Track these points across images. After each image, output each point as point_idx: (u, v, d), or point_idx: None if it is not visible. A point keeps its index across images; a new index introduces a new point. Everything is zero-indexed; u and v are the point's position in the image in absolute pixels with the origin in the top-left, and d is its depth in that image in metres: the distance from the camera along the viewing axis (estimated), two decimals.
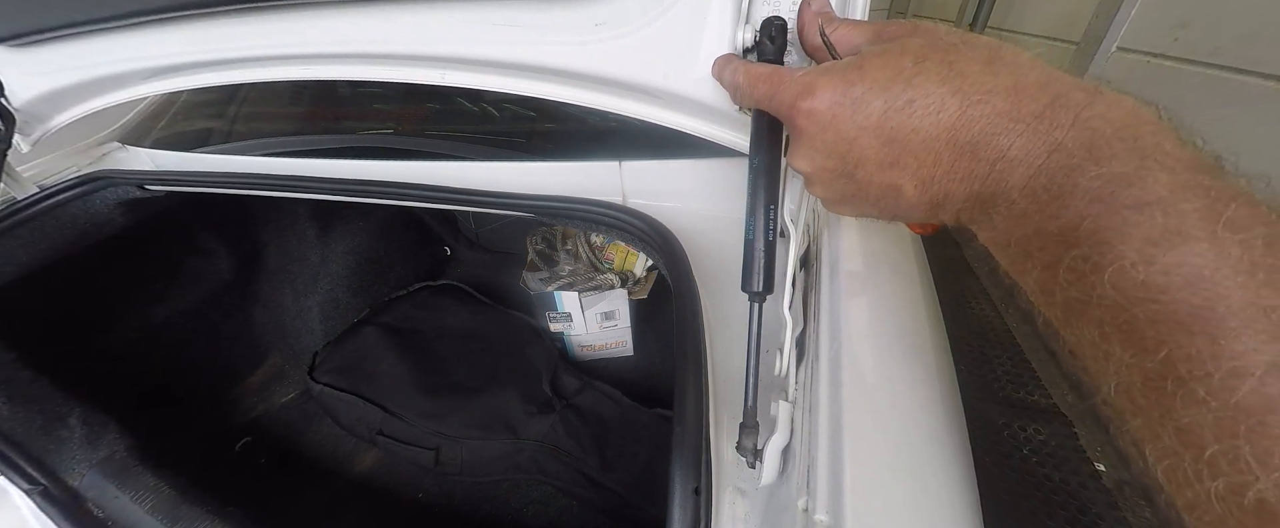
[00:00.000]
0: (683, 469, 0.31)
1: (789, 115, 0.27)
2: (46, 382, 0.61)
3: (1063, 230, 0.19)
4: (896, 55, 0.24)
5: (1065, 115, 0.20)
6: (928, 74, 0.23)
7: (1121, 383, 0.18)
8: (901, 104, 0.23)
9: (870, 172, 0.25)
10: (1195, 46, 1.13)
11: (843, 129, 0.25)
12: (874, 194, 0.27)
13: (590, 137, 0.71)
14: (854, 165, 0.26)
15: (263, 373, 1.00)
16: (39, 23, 0.53)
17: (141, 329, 0.83)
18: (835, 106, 0.25)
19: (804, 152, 0.27)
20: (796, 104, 0.26)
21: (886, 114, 0.23)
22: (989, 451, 1.04)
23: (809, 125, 0.26)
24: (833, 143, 0.25)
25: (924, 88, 0.22)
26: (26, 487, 0.52)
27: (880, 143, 0.24)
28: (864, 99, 0.24)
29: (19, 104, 0.65)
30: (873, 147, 0.24)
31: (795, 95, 0.26)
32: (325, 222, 1.04)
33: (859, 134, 0.24)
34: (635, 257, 0.98)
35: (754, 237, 0.31)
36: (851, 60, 0.25)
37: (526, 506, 0.81)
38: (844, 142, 0.25)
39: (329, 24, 0.47)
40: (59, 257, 0.66)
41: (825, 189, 0.29)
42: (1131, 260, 0.17)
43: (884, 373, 0.30)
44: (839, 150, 0.25)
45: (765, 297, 0.31)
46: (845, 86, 0.24)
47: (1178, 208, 0.17)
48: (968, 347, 1.31)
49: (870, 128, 0.24)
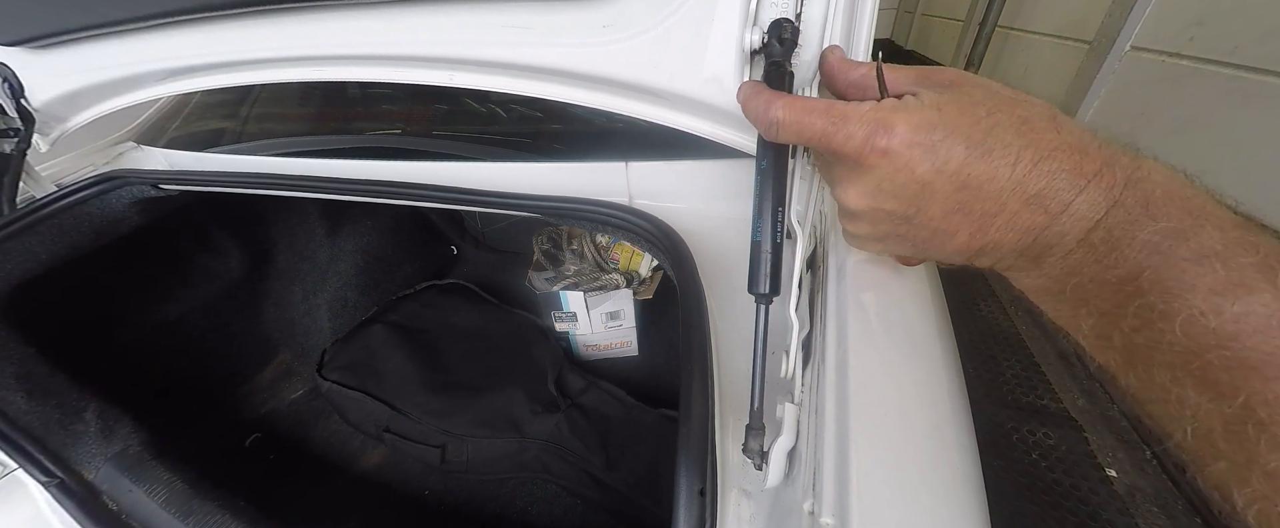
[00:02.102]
0: (688, 470, 0.31)
1: (857, 153, 0.26)
2: (64, 377, 0.62)
3: (1121, 280, 0.21)
4: (971, 103, 0.24)
5: (1120, 174, 0.22)
6: (1003, 126, 0.23)
7: (1200, 427, 0.18)
8: (981, 152, 0.23)
9: (933, 214, 0.25)
10: (1212, 45, 1.11)
11: (918, 171, 0.24)
12: (923, 237, 0.27)
13: (597, 137, 0.71)
14: (918, 208, 0.25)
15: (272, 370, 1.02)
16: (58, 25, 0.55)
17: (155, 326, 0.85)
18: (913, 147, 0.24)
19: (864, 189, 0.26)
20: (871, 141, 0.25)
21: (966, 160, 0.23)
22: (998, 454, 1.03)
23: (881, 164, 0.25)
24: (903, 185, 0.25)
25: (1002, 138, 0.23)
26: (44, 479, 0.53)
27: (954, 188, 0.24)
28: (946, 142, 0.24)
29: (38, 105, 0.66)
30: (947, 191, 0.24)
31: (869, 132, 0.25)
32: (334, 221, 1.05)
33: (936, 178, 0.24)
34: (640, 257, 0.98)
35: (761, 238, 0.31)
36: (928, 101, 0.25)
37: (531, 504, 0.81)
38: (916, 184, 0.25)
39: (339, 26, 0.48)
40: (76, 254, 0.68)
41: (871, 227, 0.28)
42: (1200, 309, 0.18)
43: (891, 376, 0.30)
44: (908, 192, 0.25)
45: (772, 299, 0.31)
46: (928, 128, 0.24)
47: (1236, 261, 0.18)
48: (976, 350, 1.29)
49: (948, 172, 0.24)
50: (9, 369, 0.59)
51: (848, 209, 0.29)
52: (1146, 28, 1.31)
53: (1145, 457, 1.01)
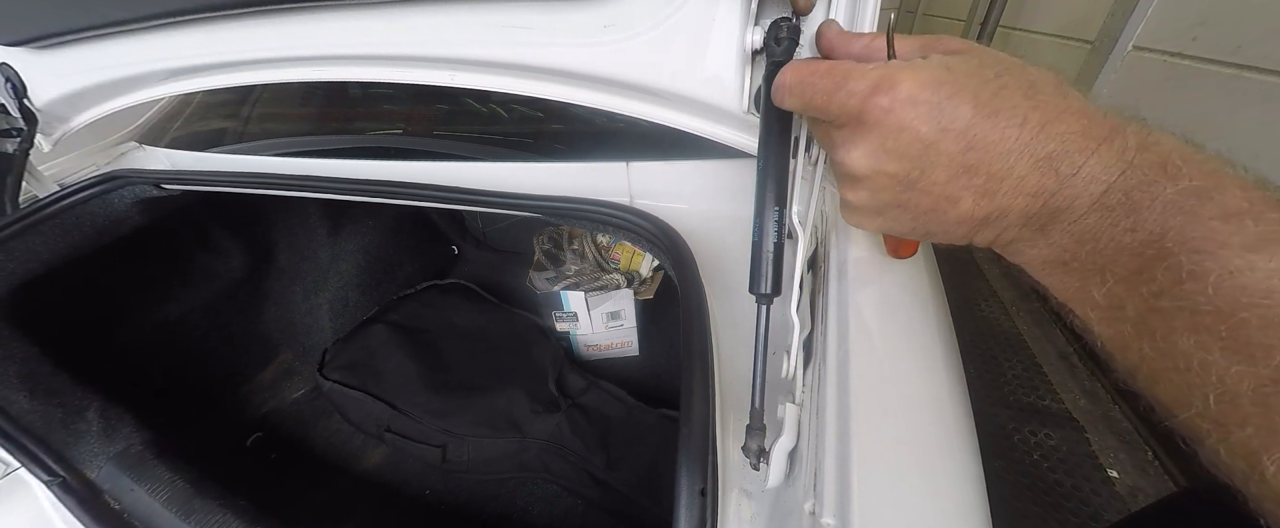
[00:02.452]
0: (689, 470, 0.31)
1: (859, 109, 0.24)
2: (66, 376, 0.63)
3: (1143, 243, 0.20)
4: (978, 65, 0.24)
5: (1131, 138, 0.21)
6: (1011, 88, 0.23)
7: (1226, 393, 0.18)
8: (988, 112, 0.22)
9: (937, 178, 0.24)
10: (1215, 45, 1.10)
11: (922, 130, 0.23)
12: (925, 205, 0.25)
13: (598, 137, 0.71)
14: (921, 171, 0.24)
15: (274, 369, 1.02)
16: (61, 26, 0.55)
17: (157, 325, 0.85)
18: (919, 104, 0.23)
19: (866, 150, 0.25)
20: (873, 98, 0.24)
21: (973, 120, 0.22)
22: (999, 455, 1.03)
23: (884, 120, 0.24)
24: (907, 143, 0.24)
25: (1010, 99, 0.22)
26: (46, 478, 0.53)
27: (961, 148, 0.23)
28: (953, 100, 0.23)
29: (41, 104, 0.66)
30: (952, 152, 0.23)
31: (870, 88, 0.24)
32: (335, 221, 1.05)
33: (940, 137, 0.23)
34: (641, 257, 0.98)
35: (762, 238, 0.30)
36: (935, 61, 0.24)
37: (532, 504, 0.81)
38: (920, 143, 0.23)
39: (340, 26, 0.48)
40: (79, 253, 0.68)
41: (872, 195, 0.27)
42: (1235, 266, 0.17)
43: (892, 376, 0.30)
44: (912, 152, 0.24)
45: (773, 299, 0.31)
46: (934, 85, 0.23)
47: (1266, 217, 0.18)
48: (977, 350, 1.29)
49: (954, 131, 0.23)
50: (12, 369, 0.59)
51: (848, 173, 0.27)
52: (1149, 28, 1.30)
53: (1147, 458, 1.01)
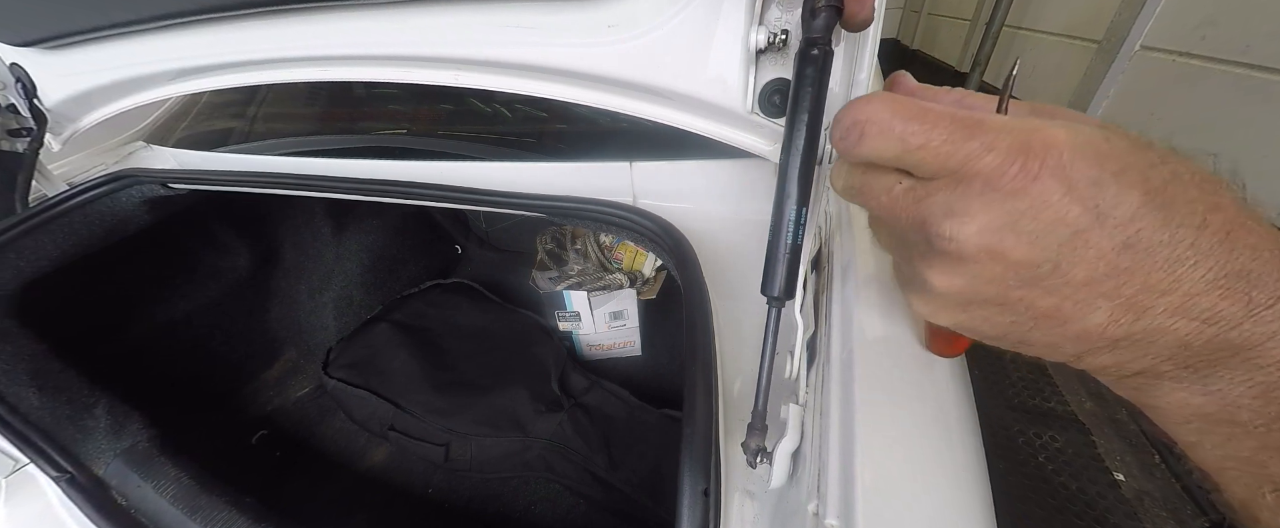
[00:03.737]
0: (692, 470, 0.31)
1: (991, 173, 0.18)
2: (74, 373, 0.63)
3: None
4: (1139, 142, 0.18)
5: None
6: (1185, 178, 0.17)
7: None
8: (1159, 205, 0.17)
9: (1070, 279, 0.18)
10: (1224, 45, 1.09)
11: (1074, 213, 0.17)
12: (1042, 310, 0.19)
13: (601, 137, 0.71)
14: (1054, 265, 0.18)
15: (279, 368, 1.02)
16: (70, 26, 0.55)
17: (164, 323, 0.86)
18: (1077, 180, 0.17)
19: (988, 224, 0.19)
20: (1016, 160, 0.18)
21: (1141, 210, 0.17)
22: (1004, 457, 1.02)
23: (1029, 189, 0.18)
24: (1049, 224, 0.18)
25: (1184, 192, 0.17)
26: (55, 474, 0.54)
27: (1115, 246, 0.17)
28: (1118, 182, 0.17)
29: (51, 104, 0.67)
30: (1102, 248, 0.17)
31: (1016, 149, 0.18)
32: (340, 220, 1.05)
33: (1093, 226, 0.17)
34: (644, 257, 0.98)
35: (778, 238, 0.28)
36: (1094, 128, 0.19)
37: (534, 503, 0.81)
38: (1067, 228, 0.18)
39: (346, 27, 0.48)
40: (87, 252, 0.68)
41: (970, 282, 0.20)
42: None
43: (896, 377, 0.30)
44: (1053, 237, 0.18)
45: (785, 302, 0.30)
46: (1099, 156, 0.17)
47: None
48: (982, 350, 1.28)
49: (1114, 222, 0.17)
50: (21, 365, 0.59)
51: (949, 251, 0.20)
52: (1157, 27, 1.29)
53: (1154, 461, 1.00)
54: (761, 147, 0.42)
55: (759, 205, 0.54)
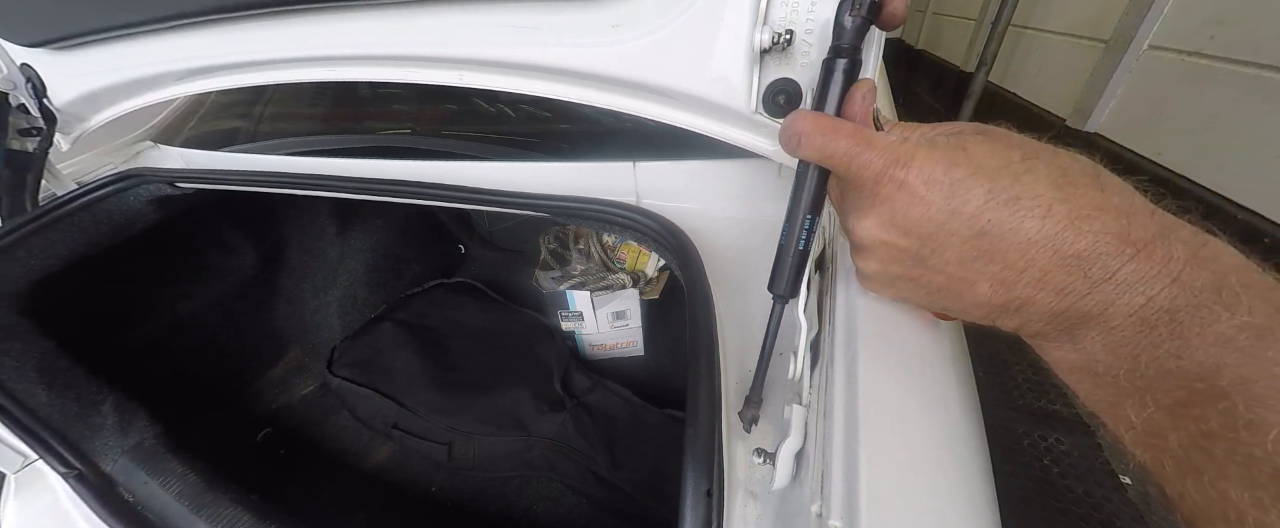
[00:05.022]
0: (695, 470, 0.31)
1: (874, 181, 0.25)
2: (82, 370, 0.64)
3: (1191, 375, 0.19)
4: (1003, 146, 0.23)
5: (1179, 249, 0.20)
6: (1037, 174, 0.22)
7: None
8: (1006, 198, 0.22)
9: (947, 260, 0.24)
10: (1234, 44, 1.08)
11: (933, 210, 0.23)
12: (938, 283, 0.25)
13: (605, 137, 0.71)
14: (931, 250, 0.24)
15: (283, 366, 1.03)
16: (79, 27, 0.56)
17: (170, 321, 0.86)
18: (931, 183, 0.23)
19: (877, 221, 0.25)
20: (888, 171, 0.24)
21: (987, 205, 0.22)
22: (1008, 459, 1.02)
23: (896, 196, 0.24)
24: (917, 221, 0.24)
25: (1032, 187, 0.21)
26: (63, 470, 0.54)
27: (972, 233, 0.22)
28: (965, 183, 0.22)
29: (60, 104, 0.68)
30: (962, 235, 0.23)
31: (888, 163, 0.24)
32: (344, 220, 1.06)
33: (949, 219, 0.23)
34: (647, 257, 0.98)
35: (789, 242, 0.30)
36: (956, 142, 0.23)
37: (536, 502, 0.82)
38: (930, 223, 0.23)
39: (351, 27, 0.48)
40: (95, 250, 0.69)
41: (880, 264, 0.27)
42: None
43: (900, 378, 0.29)
44: (921, 230, 0.24)
45: (788, 300, 0.31)
46: (948, 165, 0.23)
47: None
48: (986, 352, 1.28)
49: (966, 215, 0.22)
50: (30, 362, 0.60)
51: (858, 242, 0.27)
52: (1165, 26, 1.28)
53: None
54: (765, 147, 0.41)
55: (762, 205, 0.54)
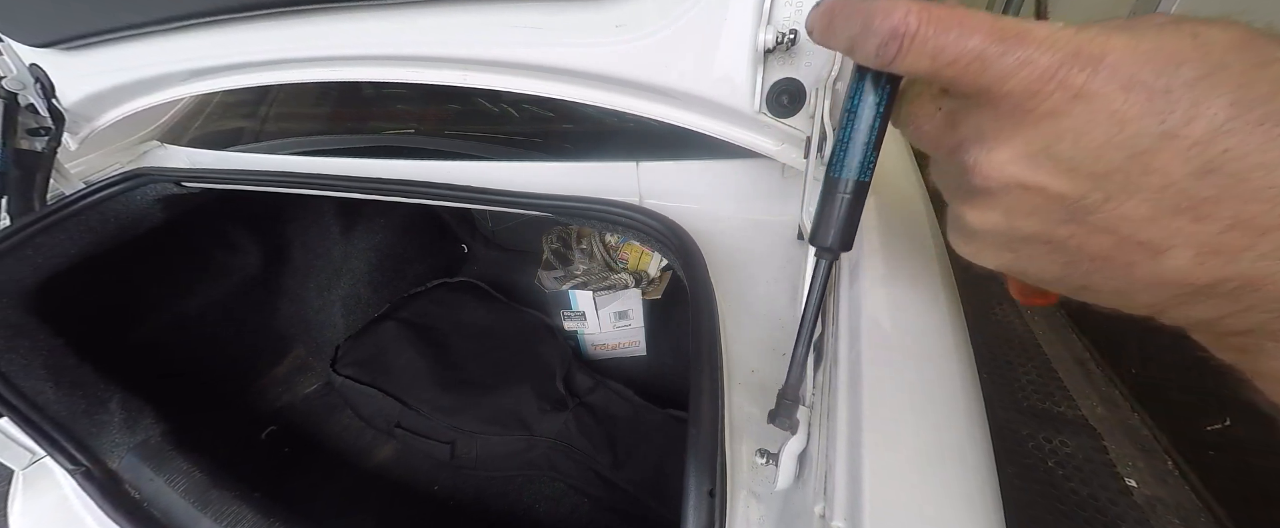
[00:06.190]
0: (698, 471, 0.31)
1: (1027, 91, 0.16)
2: (89, 368, 0.64)
3: None
4: (1247, 36, 0.14)
5: None
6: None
7: None
8: (1260, 116, 0.13)
9: (1127, 213, 0.15)
10: None
11: (1130, 131, 0.14)
12: (1098, 249, 0.16)
13: (608, 137, 0.71)
14: (1105, 196, 0.15)
15: (287, 364, 1.04)
16: (87, 28, 0.56)
17: (176, 320, 0.87)
18: (1135, 88, 0.14)
19: (1021, 151, 0.16)
20: (1060, 73, 0.15)
21: (1228, 125, 0.13)
22: (1013, 462, 1.01)
23: (1070, 110, 0.15)
24: (1098, 148, 0.15)
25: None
26: (70, 467, 0.55)
27: (1191, 170, 0.14)
28: (1198, 87, 0.14)
29: (68, 104, 0.68)
30: (1171, 173, 0.14)
31: (1062, 60, 0.15)
32: (348, 219, 1.06)
33: (1158, 146, 0.14)
34: (649, 257, 0.98)
35: (840, 176, 0.23)
36: (1167, 21, 0.15)
37: (538, 501, 0.82)
38: (1120, 151, 0.15)
39: (355, 27, 0.48)
40: (102, 249, 0.70)
41: (1006, 217, 0.18)
42: None
43: (904, 379, 0.29)
44: (1100, 165, 0.15)
45: (838, 254, 0.25)
46: (1168, 59, 0.14)
47: None
48: (991, 354, 1.27)
49: (1188, 140, 0.14)
50: (38, 360, 0.61)
51: (979, 185, 0.18)
52: None
53: (1167, 467, 0.99)
54: (768, 147, 0.41)
55: (766, 205, 0.54)
